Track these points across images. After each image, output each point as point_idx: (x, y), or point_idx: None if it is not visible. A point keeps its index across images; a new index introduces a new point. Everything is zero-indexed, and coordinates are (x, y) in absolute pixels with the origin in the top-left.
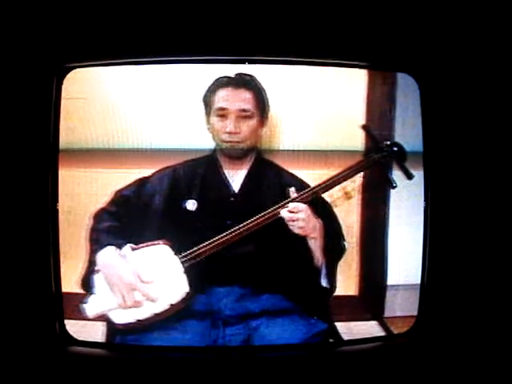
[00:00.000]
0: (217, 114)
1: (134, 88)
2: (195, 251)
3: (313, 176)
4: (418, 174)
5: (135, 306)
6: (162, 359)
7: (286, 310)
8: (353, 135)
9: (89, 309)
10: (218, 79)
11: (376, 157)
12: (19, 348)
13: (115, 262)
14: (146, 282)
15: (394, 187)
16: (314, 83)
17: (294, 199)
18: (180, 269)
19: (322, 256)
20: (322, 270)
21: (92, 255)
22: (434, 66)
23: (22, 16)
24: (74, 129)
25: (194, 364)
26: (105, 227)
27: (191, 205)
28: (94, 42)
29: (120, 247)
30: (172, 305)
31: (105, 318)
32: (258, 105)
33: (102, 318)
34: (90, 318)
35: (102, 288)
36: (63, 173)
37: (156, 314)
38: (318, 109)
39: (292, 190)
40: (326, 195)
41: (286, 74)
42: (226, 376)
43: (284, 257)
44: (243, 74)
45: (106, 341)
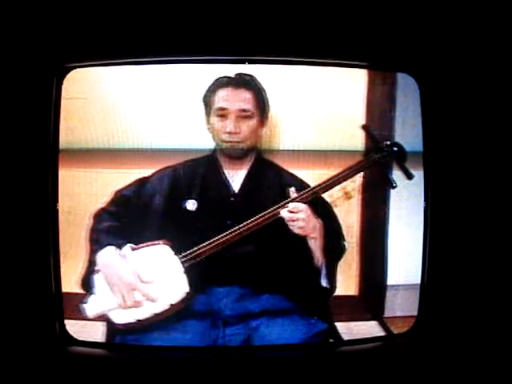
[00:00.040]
0: (217, 114)
1: (134, 88)
2: (195, 251)
3: (313, 176)
4: (418, 174)
5: (135, 306)
6: (162, 359)
7: (285, 310)
8: (353, 135)
9: (89, 309)
10: (218, 79)
11: (376, 157)
12: (19, 348)
13: (115, 262)
14: (145, 282)
15: (394, 187)
16: (313, 83)
17: (294, 199)
18: (180, 269)
19: (322, 256)
20: (322, 270)
21: (92, 255)
22: (434, 66)
23: (22, 16)
24: (74, 129)
25: (194, 364)
26: (105, 227)
27: (191, 205)
28: (94, 42)
29: (120, 247)
30: (172, 305)
31: (105, 318)
32: (258, 105)
33: (102, 318)
34: (90, 318)
35: (102, 288)
36: (63, 173)
37: (156, 314)
38: (318, 109)
39: (292, 190)
40: (326, 195)
41: (285, 74)
42: (226, 376)
43: (284, 257)
44: (243, 74)
45: (106, 341)
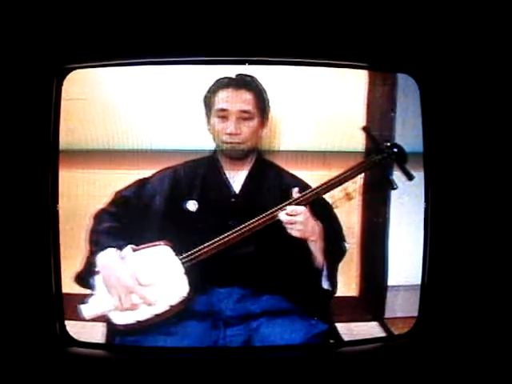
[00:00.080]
0: (217, 115)
1: (134, 89)
2: (196, 252)
3: (313, 177)
4: (418, 175)
5: (132, 309)
6: (163, 360)
7: (286, 311)
8: (353, 136)
9: (88, 310)
10: (218, 80)
11: (376, 158)
12: (19, 349)
13: (114, 264)
14: (143, 285)
15: (395, 188)
16: (314, 84)
17: (295, 200)
18: (181, 270)
19: (323, 258)
20: (322, 272)
21: (92, 256)
22: (434, 66)
23: (22, 17)
24: (74, 130)
25: (194, 365)
26: (105, 228)
27: (192, 205)
28: (94, 43)
29: (120, 248)
30: (172, 306)
31: (105, 319)
32: (258, 106)
33: (102, 318)
34: (87, 319)
35: (101, 289)
36: (63, 174)
37: (156, 315)
38: (319, 110)
39: (295, 191)
40: (327, 196)
41: (286, 75)
42: (226, 377)
43: (284, 258)
44: (244, 75)
45: (107, 342)
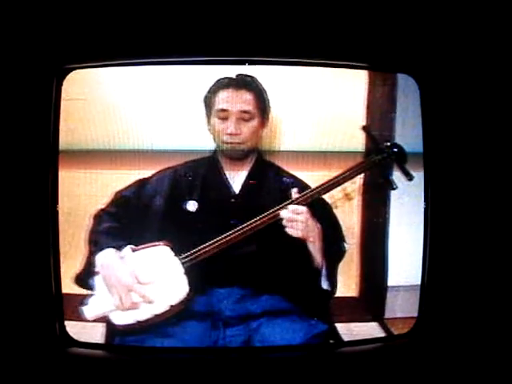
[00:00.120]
0: (218, 115)
1: (134, 89)
2: (196, 252)
3: (314, 177)
4: (418, 175)
5: (132, 308)
6: (163, 360)
7: (286, 311)
8: (353, 136)
9: (89, 310)
10: (218, 80)
11: (376, 158)
12: (19, 349)
13: (114, 264)
14: (143, 284)
15: (395, 188)
16: (314, 84)
17: (295, 200)
18: (180, 270)
19: (322, 258)
20: (322, 272)
21: (92, 256)
22: (434, 66)
23: (22, 17)
24: (74, 130)
25: (194, 365)
26: (105, 228)
27: (192, 206)
28: (94, 43)
29: (120, 248)
30: (172, 306)
31: (105, 319)
32: (258, 106)
33: (102, 319)
34: (90, 319)
35: (101, 290)
36: (63, 174)
37: (156, 315)
38: (319, 110)
39: (294, 191)
40: (327, 196)
41: (286, 75)
42: (226, 377)
43: (284, 258)
44: (244, 75)
45: (106, 342)
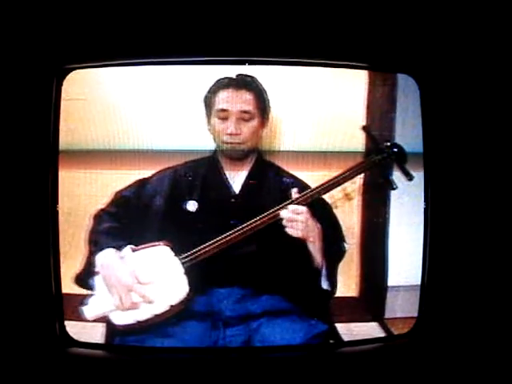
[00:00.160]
0: (218, 115)
1: (134, 89)
2: (196, 252)
3: (314, 177)
4: (418, 175)
5: (133, 308)
6: (163, 360)
7: (286, 311)
8: (353, 136)
9: (89, 310)
10: (218, 80)
11: (376, 158)
12: (19, 349)
13: (114, 263)
14: (143, 284)
15: (395, 188)
16: (314, 84)
17: (294, 200)
18: (180, 270)
19: (322, 258)
20: (322, 272)
21: (92, 256)
22: (434, 66)
23: (22, 17)
24: (74, 130)
25: (194, 365)
26: (105, 228)
27: (192, 206)
28: (94, 43)
29: (120, 248)
30: (172, 306)
31: (105, 319)
32: (258, 106)
33: (102, 319)
34: (90, 319)
35: (101, 290)
36: (63, 174)
37: (156, 315)
38: (319, 110)
39: (294, 191)
40: (327, 196)
41: (286, 75)
42: (226, 377)
43: (284, 258)
44: (244, 76)
45: (106, 342)
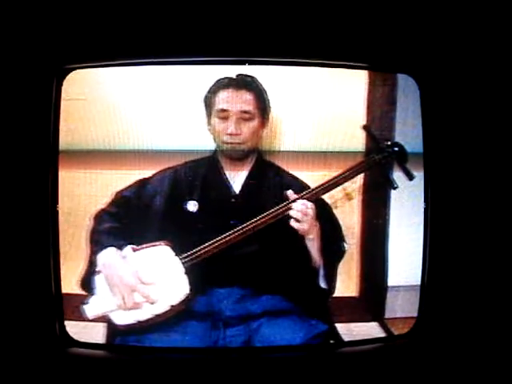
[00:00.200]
0: (218, 115)
1: (134, 89)
2: (196, 252)
3: (313, 177)
4: (418, 175)
5: (135, 308)
6: (163, 360)
7: (286, 311)
8: (353, 136)
9: (89, 310)
10: (218, 80)
11: (377, 157)
12: (19, 349)
13: (116, 263)
14: (146, 284)
15: (395, 188)
16: (314, 84)
17: (304, 195)
18: (181, 270)
19: (320, 257)
20: (320, 272)
21: (93, 256)
22: (434, 66)
23: (22, 17)
24: (74, 130)
25: (194, 365)
26: (105, 228)
27: (192, 206)
28: (94, 43)
29: (121, 248)
30: (173, 306)
31: (105, 319)
32: (259, 106)
33: (102, 319)
34: (91, 319)
35: (103, 289)
36: (63, 174)
37: (157, 315)
38: (319, 110)
39: (290, 193)
40: (327, 196)
41: (286, 75)
42: (226, 377)
43: (284, 258)
44: (244, 76)
45: (107, 342)
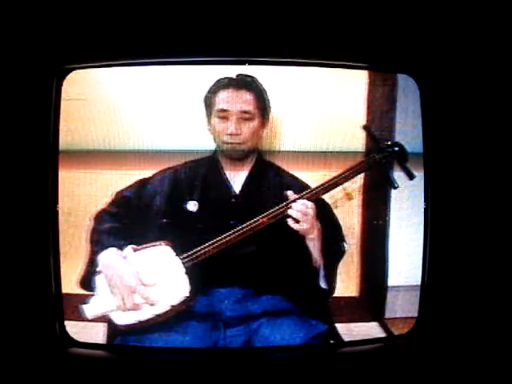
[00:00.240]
0: (218, 115)
1: (134, 89)
2: (196, 252)
3: (314, 177)
4: (418, 175)
5: (134, 309)
6: (163, 361)
7: (286, 312)
8: (353, 136)
9: (89, 310)
10: (218, 80)
11: (377, 157)
12: (19, 349)
13: (116, 264)
14: (146, 285)
15: (396, 187)
16: (314, 84)
17: (304, 195)
18: (181, 270)
19: (321, 257)
20: (320, 272)
21: (93, 256)
22: (434, 66)
23: (22, 17)
24: (74, 130)
25: (194, 365)
26: (105, 228)
27: (192, 206)
28: (94, 43)
29: (121, 248)
30: (173, 306)
31: (105, 319)
32: (259, 106)
33: (102, 319)
34: (90, 319)
35: (103, 289)
36: (63, 174)
37: (157, 316)
38: (319, 110)
39: (290, 193)
40: (327, 196)
41: (286, 76)
42: (226, 377)
43: (284, 258)
44: (244, 76)
45: (107, 342)
